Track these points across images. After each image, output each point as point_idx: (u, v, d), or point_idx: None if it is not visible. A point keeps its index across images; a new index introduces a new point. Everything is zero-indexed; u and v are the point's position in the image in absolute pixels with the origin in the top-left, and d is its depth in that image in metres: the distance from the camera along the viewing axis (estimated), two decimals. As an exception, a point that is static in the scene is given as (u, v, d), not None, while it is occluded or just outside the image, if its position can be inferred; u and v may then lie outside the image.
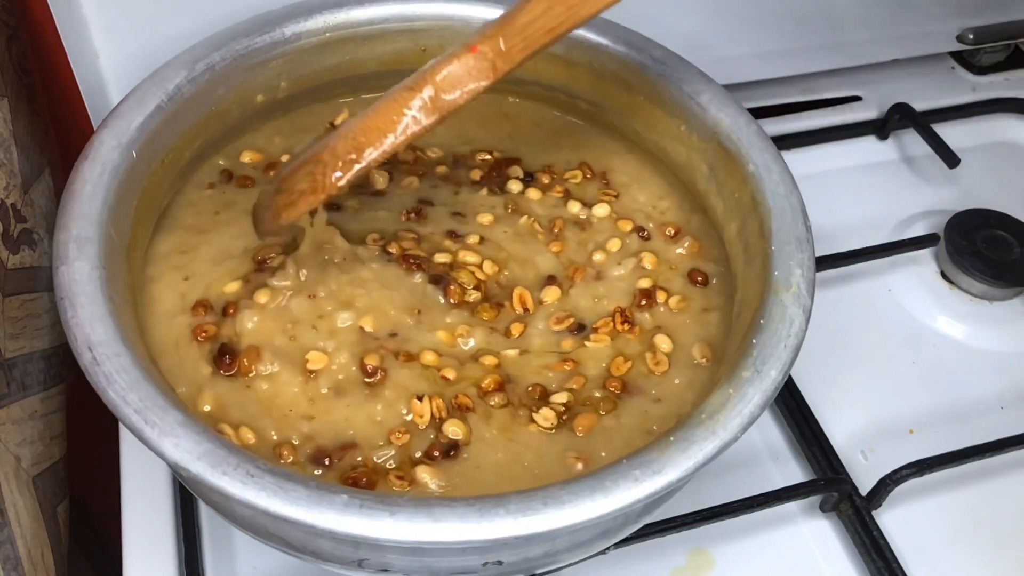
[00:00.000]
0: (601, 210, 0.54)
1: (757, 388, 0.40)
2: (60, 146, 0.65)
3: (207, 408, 0.44)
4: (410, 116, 0.42)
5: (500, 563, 0.39)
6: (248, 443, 0.43)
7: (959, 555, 0.55)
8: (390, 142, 0.42)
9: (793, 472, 0.57)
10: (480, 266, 0.50)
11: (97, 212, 0.43)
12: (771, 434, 0.59)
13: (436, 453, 0.43)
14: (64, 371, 0.60)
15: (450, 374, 0.46)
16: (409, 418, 0.45)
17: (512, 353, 0.47)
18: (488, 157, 0.56)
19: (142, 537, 0.52)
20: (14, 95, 0.57)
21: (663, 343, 0.48)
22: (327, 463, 0.43)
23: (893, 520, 0.55)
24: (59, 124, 0.64)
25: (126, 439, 0.55)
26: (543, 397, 0.46)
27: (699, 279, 0.51)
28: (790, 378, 0.57)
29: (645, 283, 0.51)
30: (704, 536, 0.53)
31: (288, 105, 0.56)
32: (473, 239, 0.52)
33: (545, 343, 0.48)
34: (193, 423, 0.37)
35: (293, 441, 0.43)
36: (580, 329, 0.49)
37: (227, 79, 0.52)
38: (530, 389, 0.46)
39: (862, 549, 0.54)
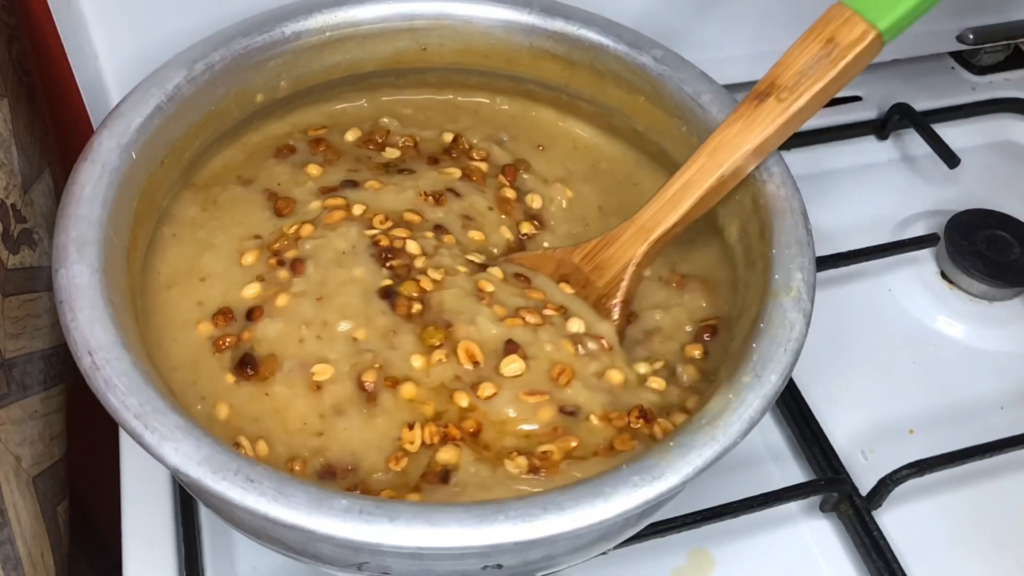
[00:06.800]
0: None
1: (757, 393, 0.40)
2: (60, 146, 0.65)
3: (224, 419, 0.44)
4: None
5: (500, 567, 0.39)
6: (262, 456, 0.43)
7: (959, 555, 0.55)
8: None
9: (793, 472, 0.57)
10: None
11: (97, 214, 0.43)
12: (771, 434, 0.59)
13: (432, 478, 0.43)
14: (64, 371, 0.60)
15: (428, 411, 0.45)
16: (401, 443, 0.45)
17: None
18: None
19: (142, 537, 0.52)
20: (14, 95, 0.57)
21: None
22: (333, 478, 0.43)
23: (893, 520, 0.55)
24: (59, 124, 0.64)
25: (126, 440, 0.55)
26: (524, 453, 0.44)
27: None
28: (790, 378, 0.57)
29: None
30: (704, 536, 0.53)
31: (288, 105, 0.56)
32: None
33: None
34: (193, 428, 0.37)
35: (303, 455, 0.44)
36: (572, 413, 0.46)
37: (227, 79, 0.51)
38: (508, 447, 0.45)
39: (862, 549, 0.54)
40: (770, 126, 0.47)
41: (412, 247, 0.50)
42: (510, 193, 0.55)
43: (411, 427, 0.44)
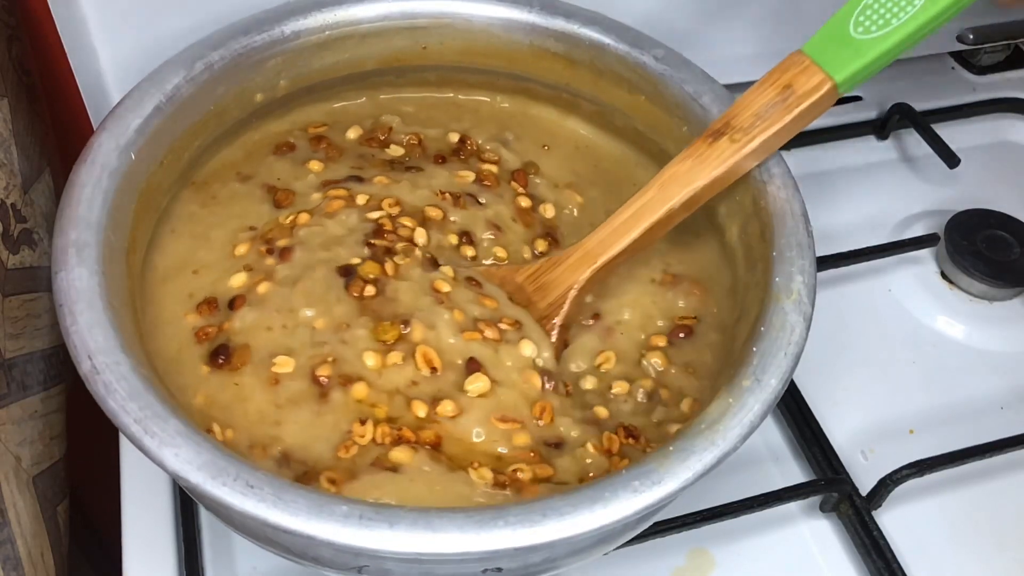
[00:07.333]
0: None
1: (757, 398, 0.40)
2: (60, 146, 0.65)
3: (199, 407, 0.44)
4: None
5: (500, 570, 0.39)
6: (228, 443, 0.43)
7: (959, 555, 0.55)
8: None
9: (793, 472, 0.57)
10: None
11: (96, 216, 0.43)
12: (771, 434, 0.59)
13: (379, 469, 0.42)
14: (64, 371, 0.60)
15: (380, 413, 0.45)
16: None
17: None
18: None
19: (142, 537, 0.52)
20: (14, 95, 0.57)
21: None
22: (289, 466, 0.43)
23: (893, 520, 0.55)
24: (59, 124, 0.64)
25: (126, 440, 0.55)
26: (492, 468, 0.44)
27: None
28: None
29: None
30: (704, 536, 0.53)
31: (288, 103, 0.56)
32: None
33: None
34: (193, 432, 0.37)
35: (264, 443, 0.43)
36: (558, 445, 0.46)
37: (226, 78, 0.51)
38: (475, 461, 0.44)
39: (862, 549, 0.54)
40: (721, 165, 0.47)
41: (420, 236, 0.50)
42: (525, 202, 0.54)
43: (363, 422, 0.44)
